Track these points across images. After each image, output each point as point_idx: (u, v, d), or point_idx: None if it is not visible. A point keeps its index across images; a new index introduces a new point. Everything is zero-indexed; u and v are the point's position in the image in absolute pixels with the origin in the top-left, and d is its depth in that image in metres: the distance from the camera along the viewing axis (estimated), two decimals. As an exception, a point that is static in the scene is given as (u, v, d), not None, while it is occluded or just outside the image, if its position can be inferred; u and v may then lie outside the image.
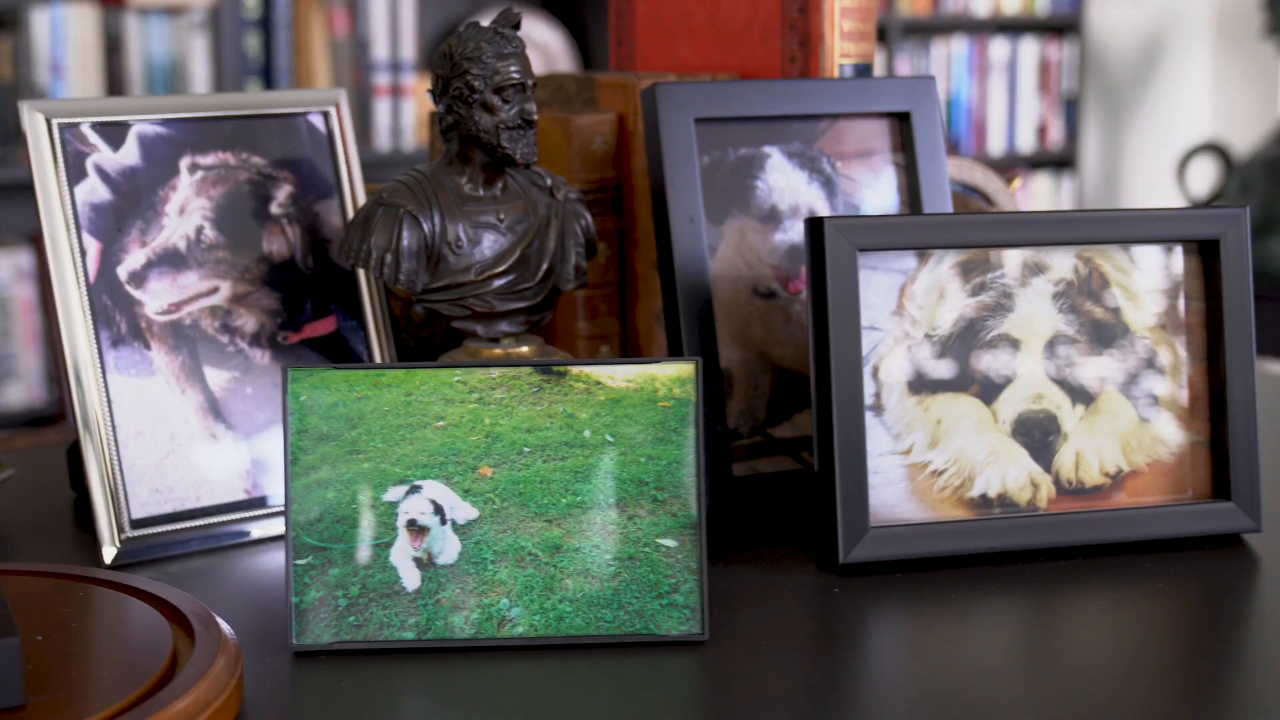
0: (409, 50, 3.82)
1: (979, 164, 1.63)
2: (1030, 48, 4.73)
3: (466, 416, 1.08)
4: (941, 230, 1.22)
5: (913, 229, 1.22)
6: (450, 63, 1.24)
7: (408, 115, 3.81)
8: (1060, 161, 4.83)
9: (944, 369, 1.23)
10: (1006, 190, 1.64)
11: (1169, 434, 1.27)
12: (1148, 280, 1.27)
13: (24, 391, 3.37)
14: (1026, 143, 4.76)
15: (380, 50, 3.79)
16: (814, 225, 1.20)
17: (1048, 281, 1.25)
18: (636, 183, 1.44)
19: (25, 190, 3.43)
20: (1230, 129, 4.95)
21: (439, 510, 1.07)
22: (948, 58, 4.60)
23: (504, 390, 1.08)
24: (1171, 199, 4.88)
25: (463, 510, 1.07)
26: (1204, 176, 4.85)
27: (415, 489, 1.07)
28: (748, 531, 1.29)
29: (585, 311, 1.44)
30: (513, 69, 1.23)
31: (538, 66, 4.08)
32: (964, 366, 1.23)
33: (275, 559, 1.25)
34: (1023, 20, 4.70)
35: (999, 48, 4.69)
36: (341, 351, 1.33)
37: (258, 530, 1.28)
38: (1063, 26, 4.76)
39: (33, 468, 1.50)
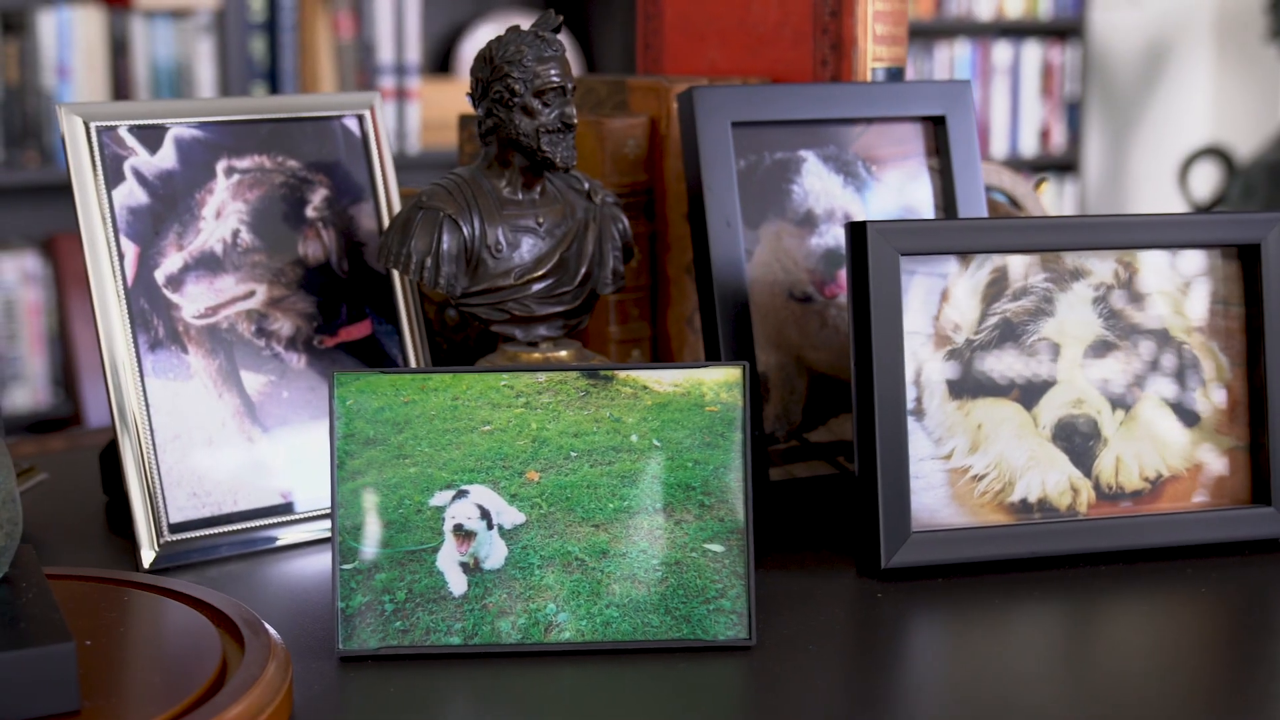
0: (414, 53, 3.81)
1: (1006, 168, 1.63)
2: (1033, 51, 4.73)
3: (513, 421, 1.08)
4: (983, 234, 1.22)
5: (955, 233, 1.22)
6: (490, 66, 1.24)
7: (412, 119, 3.80)
8: (1063, 165, 4.83)
9: (984, 373, 1.22)
10: (1034, 194, 1.64)
11: (1208, 439, 1.26)
12: (1187, 285, 1.27)
13: (30, 395, 3.36)
14: (1029, 146, 4.77)
15: (385, 53, 3.78)
16: (856, 229, 1.19)
17: (1088, 286, 1.24)
18: (668, 186, 1.44)
19: (31, 193, 3.42)
20: (1233, 133, 4.96)
21: (486, 515, 1.07)
22: (951, 61, 4.60)
23: (551, 395, 1.08)
24: (1174, 203, 4.88)
25: (509, 515, 1.07)
26: (1206, 180, 4.86)
27: (462, 494, 1.07)
28: (785, 536, 1.28)
29: (617, 315, 1.44)
30: (553, 72, 1.23)
31: (543, 69, 4.07)
32: (1004, 371, 1.23)
33: (314, 563, 1.25)
34: (1026, 24, 4.71)
35: (1002, 51, 4.69)
36: (376, 355, 1.33)
37: (295, 535, 1.27)
38: (1065, 30, 4.77)
39: (62, 471, 1.49)
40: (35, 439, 1.72)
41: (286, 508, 1.27)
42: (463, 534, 1.06)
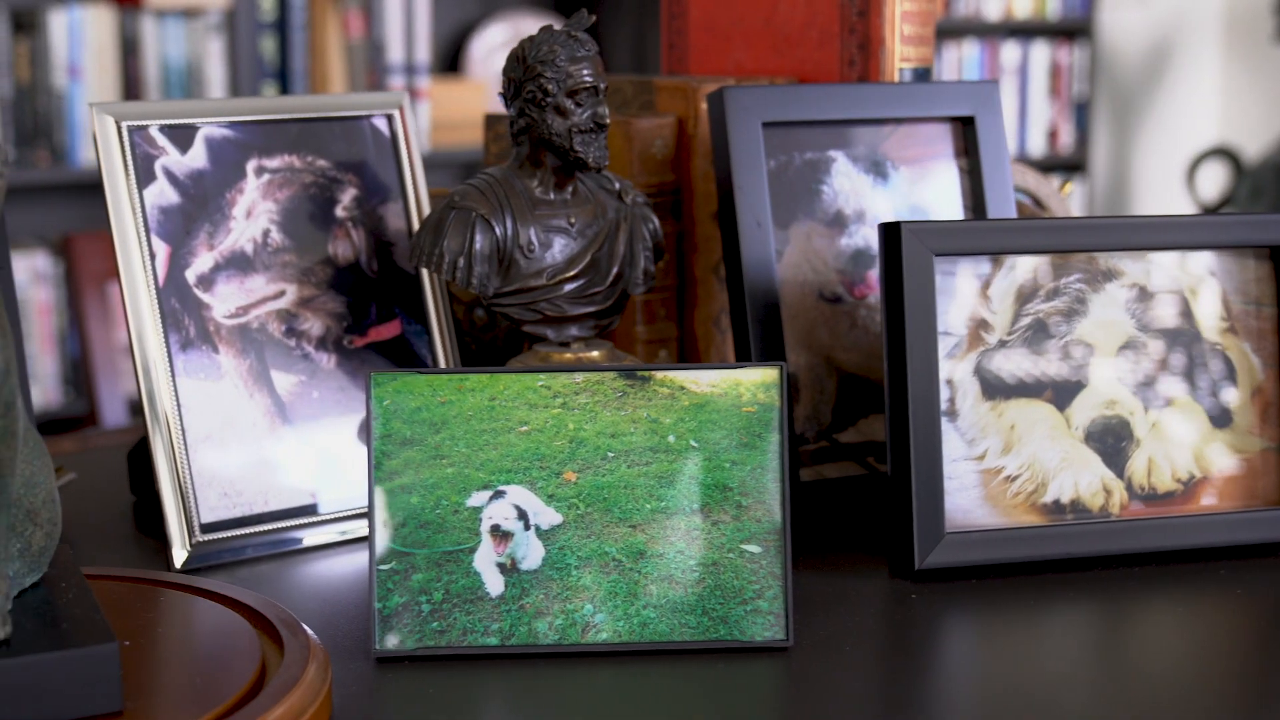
0: (423, 53, 3.81)
1: (1030, 168, 1.62)
2: (1041, 51, 4.73)
3: (550, 421, 1.07)
4: (1017, 235, 1.22)
5: (989, 234, 1.21)
6: (523, 66, 1.23)
7: (422, 118, 3.80)
8: (1071, 165, 4.83)
9: (1017, 374, 1.22)
10: (1059, 195, 1.63)
11: (1241, 440, 1.26)
12: (1220, 286, 1.26)
13: (40, 395, 3.36)
14: (1037, 146, 4.77)
15: (395, 53, 3.78)
16: (889, 230, 1.19)
17: (1120, 287, 1.24)
18: (696, 186, 1.44)
19: (42, 192, 3.42)
20: (1240, 133, 4.96)
21: (523, 515, 1.06)
22: (959, 61, 4.60)
23: (588, 395, 1.08)
24: (1181, 203, 4.88)
25: (546, 515, 1.07)
26: (1214, 181, 4.85)
27: (499, 494, 1.06)
28: (816, 537, 1.28)
29: (644, 316, 1.44)
30: (585, 72, 1.22)
31: (552, 69, 4.07)
32: (1037, 372, 1.23)
33: (345, 563, 1.25)
34: (1034, 24, 4.71)
35: (1010, 51, 4.69)
36: (406, 355, 1.33)
37: (324, 535, 1.27)
38: (1074, 30, 4.77)
39: (83, 470, 1.49)
40: (48, 439, 1.71)
41: (316, 508, 1.27)
42: (500, 534, 1.06)
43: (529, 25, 4.07)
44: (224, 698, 0.92)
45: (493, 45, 4.06)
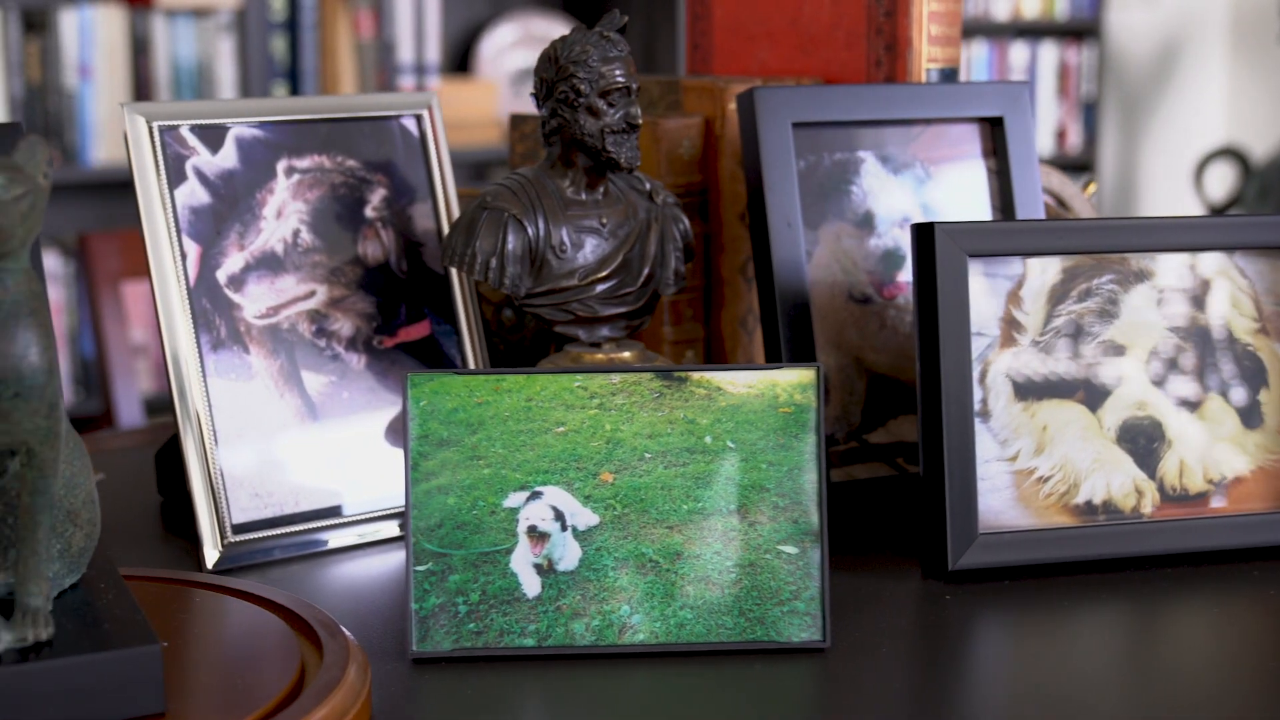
0: (433, 53, 3.81)
1: (1054, 169, 1.62)
2: (1049, 52, 4.73)
3: (587, 422, 1.07)
4: (1051, 236, 1.21)
5: (1022, 234, 1.21)
6: (555, 66, 1.23)
7: (432, 118, 3.80)
8: (1079, 165, 4.83)
9: (1050, 375, 1.22)
10: (1082, 195, 1.63)
11: (1272, 440, 1.26)
12: (1251, 286, 1.26)
13: (52, 394, 3.36)
14: (1045, 146, 4.77)
15: (405, 53, 3.78)
16: (922, 231, 1.19)
17: (1153, 288, 1.24)
18: (722, 187, 1.44)
19: (52, 193, 3.41)
20: (1248, 133, 4.96)
21: (560, 516, 1.06)
22: (968, 61, 4.60)
23: (625, 396, 1.08)
24: (1189, 204, 4.88)
25: (584, 516, 1.06)
26: (1222, 181, 4.85)
27: (536, 495, 1.06)
28: (847, 538, 1.28)
29: (671, 316, 1.44)
30: (618, 73, 1.22)
31: (561, 69, 4.07)
32: (1069, 372, 1.23)
33: (376, 564, 1.24)
34: (1042, 24, 4.71)
35: (1019, 52, 4.69)
36: (435, 356, 1.33)
37: (355, 536, 1.27)
38: (1082, 31, 4.77)
39: (110, 471, 1.49)
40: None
41: (346, 509, 1.27)
42: (537, 535, 1.06)
43: (539, 25, 4.07)
44: (265, 699, 0.92)
45: (502, 45, 4.05)
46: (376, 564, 1.25)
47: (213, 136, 1.26)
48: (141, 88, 3.44)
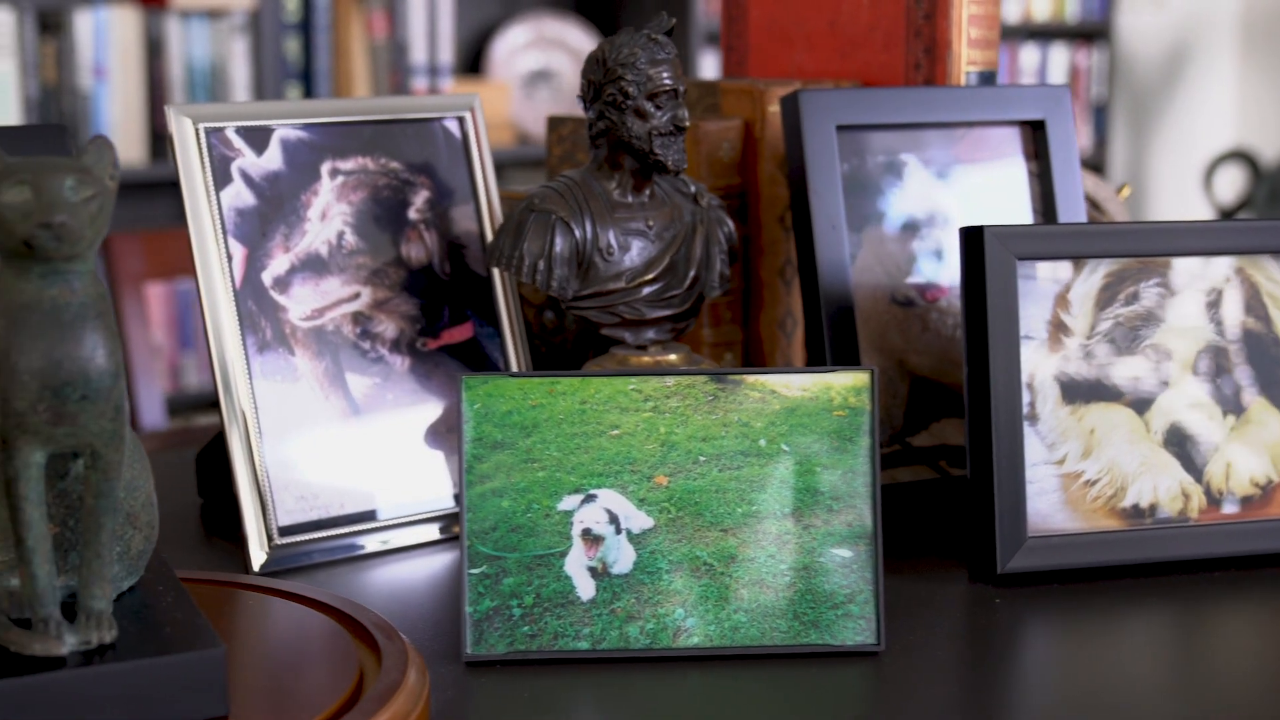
0: (446, 54, 3.81)
1: (1089, 172, 1.62)
2: (1060, 54, 4.74)
3: (642, 425, 1.07)
4: (1100, 239, 1.21)
5: (1071, 238, 1.21)
6: (603, 68, 1.23)
7: (445, 119, 3.80)
8: (1090, 168, 4.83)
9: (1097, 378, 1.22)
10: (1116, 198, 1.63)
11: (1319, 444, 1.26)
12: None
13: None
14: (1055, 149, 4.76)
15: (418, 54, 3.78)
16: (971, 234, 1.19)
17: (1199, 291, 1.24)
18: (762, 190, 1.43)
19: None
20: (1258, 136, 4.96)
21: (614, 519, 1.06)
22: (979, 64, 4.60)
23: (679, 399, 1.08)
24: (1199, 207, 4.88)
25: (638, 519, 1.06)
26: (1231, 183, 4.86)
27: (590, 498, 1.06)
28: (892, 541, 1.27)
29: (709, 319, 1.44)
30: (665, 75, 1.22)
31: (573, 72, 4.07)
32: (1116, 376, 1.22)
33: (422, 566, 1.24)
34: (1053, 27, 4.71)
35: (1029, 54, 4.69)
36: (478, 358, 1.33)
37: (401, 538, 1.27)
38: (1092, 33, 4.77)
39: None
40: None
41: (391, 512, 1.27)
42: (591, 538, 1.06)
43: (551, 27, 4.07)
44: (325, 703, 0.92)
45: (514, 47, 4.05)
46: (422, 566, 1.25)
47: (258, 138, 1.26)
48: (156, 89, 3.44)
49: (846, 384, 1.08)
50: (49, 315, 0.84)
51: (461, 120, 1.35)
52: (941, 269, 1.35)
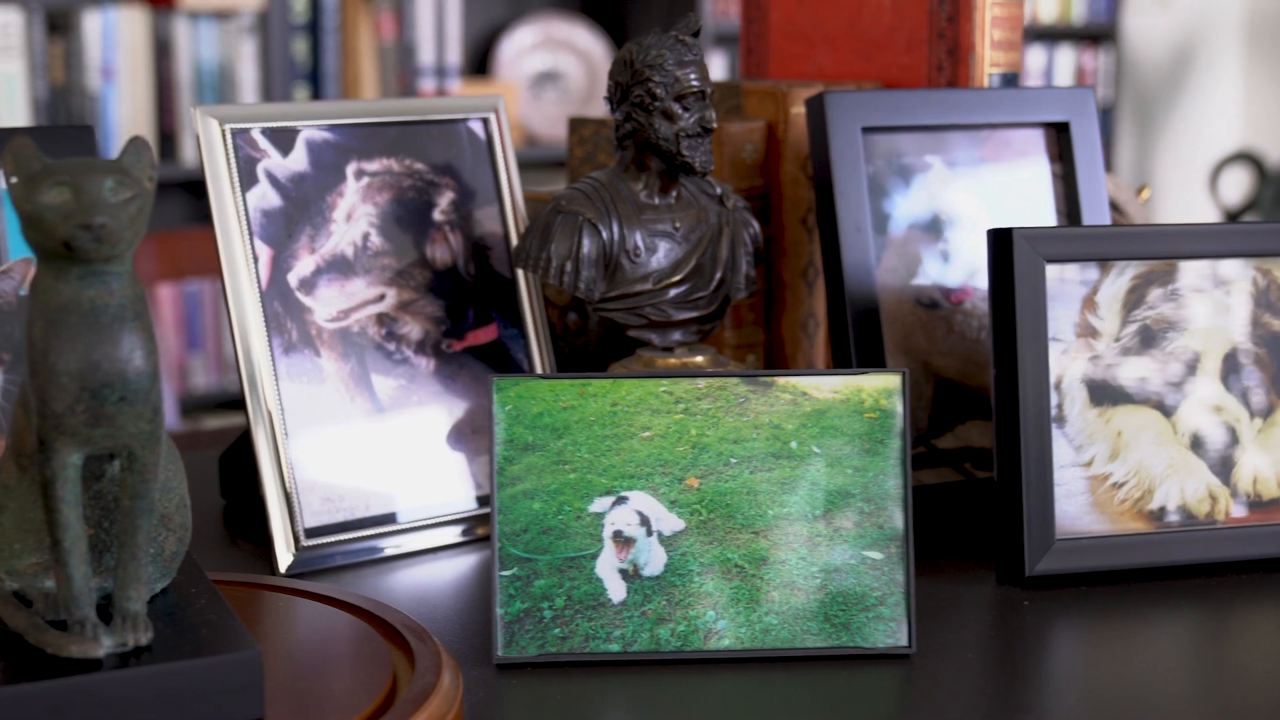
0: (454, 55, 3.81)
1: (1109, 173, 1.62)
2: (1066, 56, 4.73)
3: (673, 427, 1.07)
4: (1128, 242, 1.21)
5: (1100, 240, 1.21)
6: (631, 70, 1.23)
7: (452, 120, 3.79)
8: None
9: (1124, 381, 1.22)
10: (1136, 200, 1.63)
11: (1345, 447, 1.26)
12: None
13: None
14: (1061, 151, 4.76)
15: (426, 55, 3.78)
16: (1000, 236, 1.19)
17: (1226, 294, 1.24)
18: (784, 191, 1.43)
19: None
20: (1264, 138, 4.96)
21: (645, 521, 1.06)
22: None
23: (710, 401, 1.07)
24: (1204, 208, 4.88)
25: (669, 522, 1.06)
26: (1237, 185, 4.85)
27: (622, 500, 1.06)
28: (917, 543, 1.27)
29: (732, 320, 1.43)
30: (693, 77, 1.22)
31: (580, 73, 4.07)
32: (1144, 378, 1.22)
33: (447, 569, 1.24)
34: (1059, 28, 4.71)
35: (1035, 56, 4.69)
36: (502, 360, 1.32)
37: (425, 540, 1.27)
38: (1099, 35, 4.77)
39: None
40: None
41: (415, 513, 1.26)
42: (622, 540, 1.06)
43: (558, 28, 4.07)
44: (361, 706, 0.92)
45: (521, 48, 4.05)
46: (447, 569, 1.25)
47: (283, 139, 1.26)
48: (164, 90, 3.44)
49: (877, 386, 1.08)
50: (87, 317, 0.84)
51: (485, 121, 1.35)
52: (966, 271, 1.35)
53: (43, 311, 0.84)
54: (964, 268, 1.35)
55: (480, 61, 4.11)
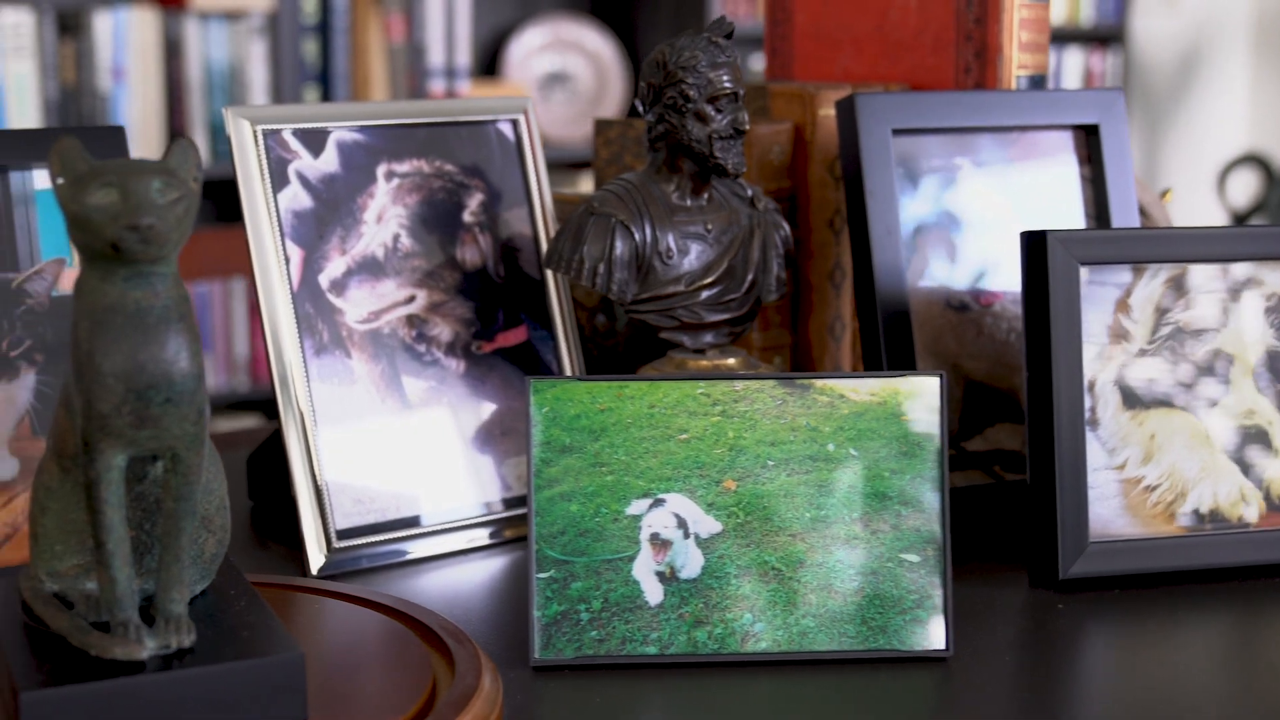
0: (464, 56, 3.80)
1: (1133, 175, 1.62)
2: (1075, 58, 4.73)
3: (710, 429, 1.07)
4: (1163, 244, 1.21)
5: (1135, 243, 1.21)
6: (664, 72, 1.23)
7: (461, 121, 3.79)
8: (1102, 172, 4.82)
9: (1157, 384, 1.22)
10: (1160, 202, 1.63)
11: (1377, 450, 1.26)
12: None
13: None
14: (1068, 153, 4.76)
15: (436, 56, 3.78)
16: (1034, 239, 1.19)
17: (1260, 296, 1.24)
18: (811, 193, 1.43)
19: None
20: (1271, 140, 4.96)
21: (682, 524, 1.06)
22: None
23: (747, 403, 1.07)
24: (1212, 211, 4.88)
25: (706, 524, 1.06)
26: (1245, 188, 4.85)
27: (659, 502, 1.06)
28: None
29: (758, 323, 1.43)
30: (726, 78, 1.22)
31: (589, 74, 4.06)
32: (1176, 381, 1.22)
33: (479, 570, 1.24)
34: (1067, 30, 4.70)
35: (1043, 58, 4.68)
36: (532, 362, 1.32)
37: (457, 542, 1.26)
38: (1107, 37, 4.76)
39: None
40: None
41: (447, 515, 1.26)
42: (659, 543, 1.05)
43: (567, 29, 4.06)
44: (404, 708, 0.92)
45: (530, 49, 4.05)
46: (478, 570, 1.24)
47: (314, 140, 1.25)
48: (174, 90, 3.43)
49: (915, 389, 1.08)
50: (133, 318, 0.84)
51: (515, 123, 1.35)
52: (996, 274, 1.34)
53: (88, 312, 0.84)
54: (994, 271, 1.34)
55: (489, 63, 4.11)
